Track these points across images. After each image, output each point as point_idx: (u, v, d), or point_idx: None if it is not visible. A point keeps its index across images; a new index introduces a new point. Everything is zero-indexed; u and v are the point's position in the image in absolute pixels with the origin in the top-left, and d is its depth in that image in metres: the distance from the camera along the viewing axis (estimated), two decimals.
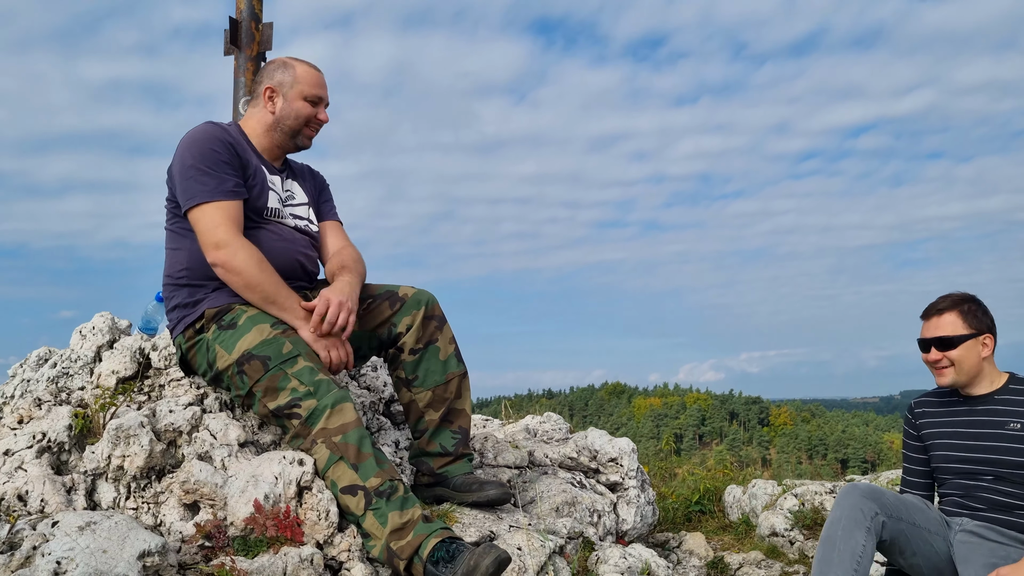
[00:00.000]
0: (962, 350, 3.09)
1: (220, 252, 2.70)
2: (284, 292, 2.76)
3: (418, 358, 2.96)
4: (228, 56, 4.36)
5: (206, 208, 2.73)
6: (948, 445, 3.19)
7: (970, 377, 3.13)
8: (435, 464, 2.97)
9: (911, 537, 2.98)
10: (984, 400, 3.14)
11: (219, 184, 2.74)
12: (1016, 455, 2.99)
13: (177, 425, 2.71)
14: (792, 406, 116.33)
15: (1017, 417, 3.03)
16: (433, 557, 2.36)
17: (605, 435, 4.02)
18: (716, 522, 5.14)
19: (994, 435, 3.06)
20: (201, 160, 2.75)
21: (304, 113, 2.99)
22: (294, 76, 2.98)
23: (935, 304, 3.21)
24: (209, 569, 2.26)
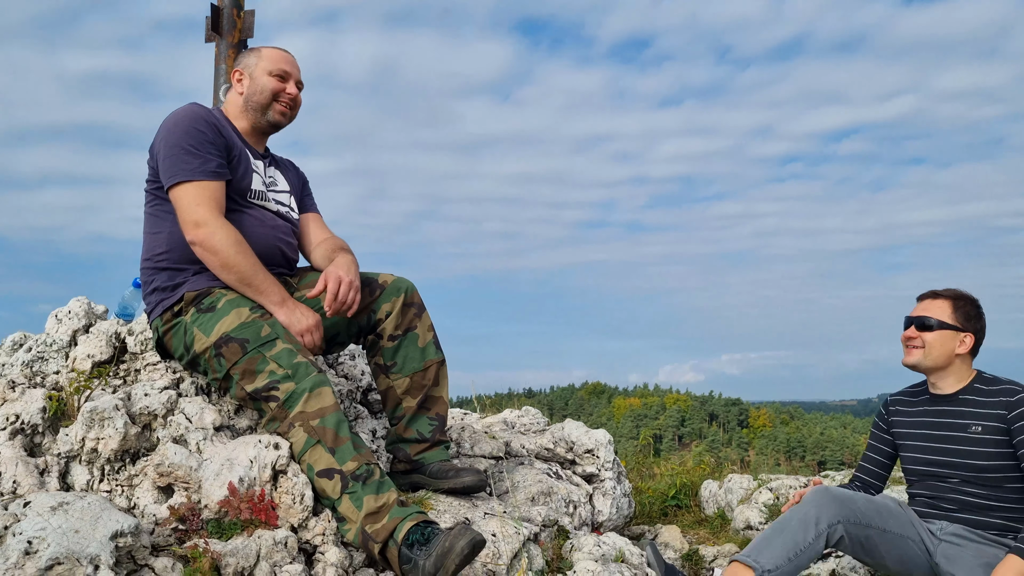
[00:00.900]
0: (937, 336, 3.13)
1: (199, 231, 2.70)
2: (261, 275, 2.76)
3: (397, 345, 2.97)
4: (209, 44, 4.35)
5: (188, 187, 2.73)
6: (916, 447, 3.23)
7: (935, 365, 3.16)
8: (412, 451, 2.98)
9: (879, 542, 3.02)
10: (950, 400, 3.18)
11: (202, 164, 2.74)
12: (978, 458, 3.02)
13: (152, 408, 2.70)
14: (771, 408, 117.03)
15: (978, 419, 3.06)
16: (408, 540, 2.37)
17: (582, 427, 4.04)
18: (692, 516, 5.17)
19: (957, 438, 3.09)
20: (185, 139, 2.75)
21: (270, 87, 3.01)
22: (259, 56, 3.05)
23: (937, 289, 3.26)
24: (182, 551, 2.26)
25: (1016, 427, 2.95)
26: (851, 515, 2.96)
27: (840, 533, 2.95)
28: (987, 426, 3.01)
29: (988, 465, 2.99)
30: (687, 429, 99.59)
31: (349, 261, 2.90)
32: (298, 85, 3.09)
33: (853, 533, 2.97)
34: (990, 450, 2.99)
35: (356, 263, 2.94)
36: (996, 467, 2.98)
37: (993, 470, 2.99)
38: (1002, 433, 2.98)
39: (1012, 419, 2.97)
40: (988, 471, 3.00)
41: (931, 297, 3.24)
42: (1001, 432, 2.98)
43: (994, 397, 3.05)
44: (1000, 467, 2.98)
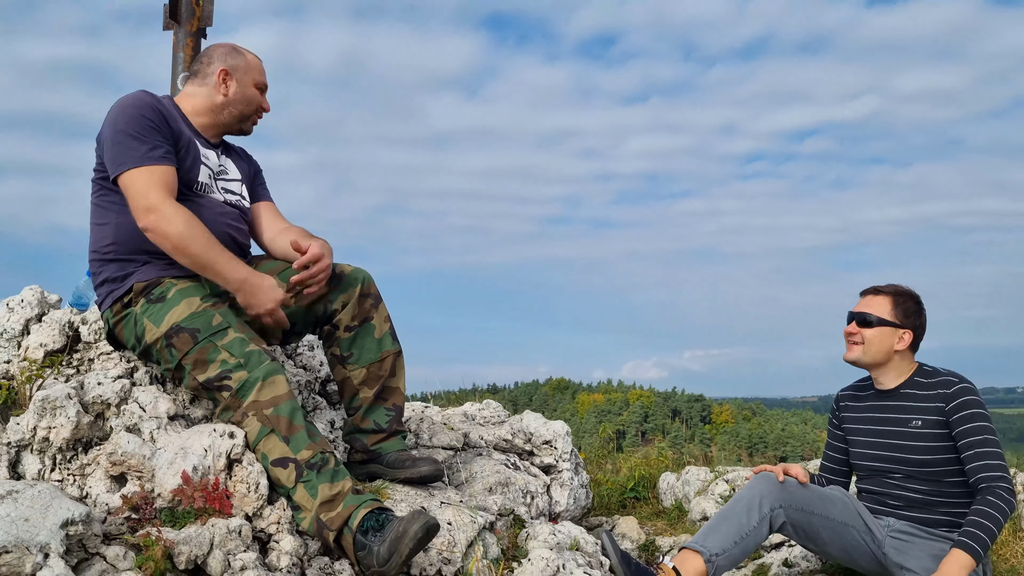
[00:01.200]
0: (876, 333, 3.19)
1: (151, 216, 2.65)
2: (216, 252, 2.70)
3: (353, 335, 2.97)
4: (168, 32, 4.31)
5: (136, 173, 2.68)
6: (863, 442, 3.30)
7: (874, 361, 3.23)
8: (369, 441, 2.98)
9: (821, 529, 3.10)
10: (891, 395, 3.24)
11: (150, 150, 2.71)
12: (920, 453, 3.09)
13: (105, 397, 2.68)
14: (734, 404, 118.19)
15: (918, 414, 3.13)
16: (363, 527, 2.38)
17: (540, 418, 4.08)
18: (650, 508, 5.23)
19: (899, 432, 3.16)
20: (131, 126, 2.71)
21: (256, 100, 3.04)
22: (247, 63, 3.03)
23: (878, 285, 3.32)
24: (135, 539, 2.24)
25: (954, 419, 3.02)
26: (792, 500, 3.04)
27: (783, 518, 3.02)
28: (927, 420, 3.08)
29: (929, 459, 3.06)
30: (650, 425, 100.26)
31: (325, 244, 2.92)
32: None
33: (795, 519, 3.04)
34: (931, 444, 3.06)
35: (331, 248, 2.95)
36: (937, 461, 3.06)
37: (934, 464, 3.06)
38: (941, 427, 3.05)
39: (949, 411, 3.04)
40: (930, 465, 3.07)
41: (872, 293, 3.30)
42: (940, 426, 3.05)
43: (932, 390, 3.12)
44: (941, 461, 3.05)
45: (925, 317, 3.27)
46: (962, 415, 3.00)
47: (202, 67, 3.02)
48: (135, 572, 2.14)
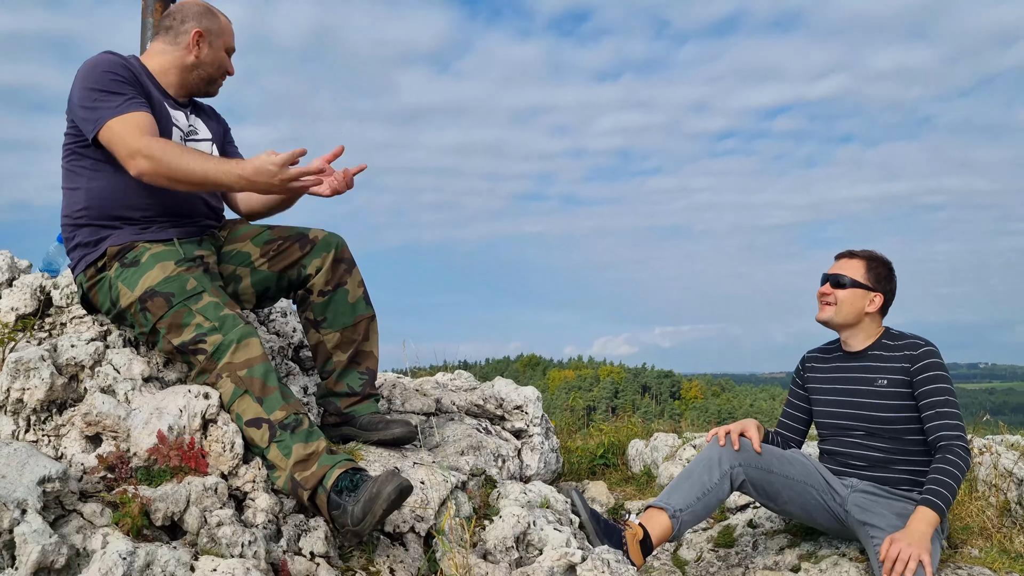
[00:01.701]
0: (848, 294, 3.29)
1: (138, 159, 2.59)
2: (211, 162, 2.64)
3: (327, 300, 3.00)
4: None
5: (113, 124, 2.64)
6: (827, 401, 3.40)
7: (845, 322, 3.33)
8: (342, 404, 3.02)
9: (781, 488, 3.20)
10: (859, 356, 3.34)
11: (125, 100, 2.68)
12: (883, 411, 3.19)
13: (79, 359, 2.69)
14: (703, 380, 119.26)
15: (884, 373, 3.23)
16: (337, 487, 2.42)
17: (511, 383, 4.13)
18: (620, 474, 5.33)
19: (864, 391, 3.26)
20: (101, 82, 2.69)
21: (224, 64, 3.04)
22: (220, 26, 3.01)
23: (853, 249, 3.42)
24: (111, 497, 2.27)
25: (917, 379, 3.12)
26: (751, 459, 3.14)
27: (742, 476, 3.12)
28: (892, 379, 3.18)
29: (891, 418, 3.16)
30: (620, 401, 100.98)
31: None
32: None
33: (754, 477, 3.14)
34: (894, 403, 3.16)
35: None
36: (899, 419, 3.16)
37: (896, 423, 3.16)
38: (905, 386, 3.15)
39: (914, 372, 3.14)
40: (891, 423, 3.17)
41: (847, 256, 3.40)
42: (905, 385, 3.15)
43: (899, 352, 3.22)
44: (903, 420, 3.15)
45: (896, 283, 3.37)
46: (926, 375, 3.10)
47: (174, 24, 2.97)
48: (112, 528, 2.17)
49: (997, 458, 4.40)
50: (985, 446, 4.59)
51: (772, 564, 3.55)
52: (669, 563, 3.84)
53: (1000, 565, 3.34)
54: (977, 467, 4.36)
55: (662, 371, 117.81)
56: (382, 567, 2.49)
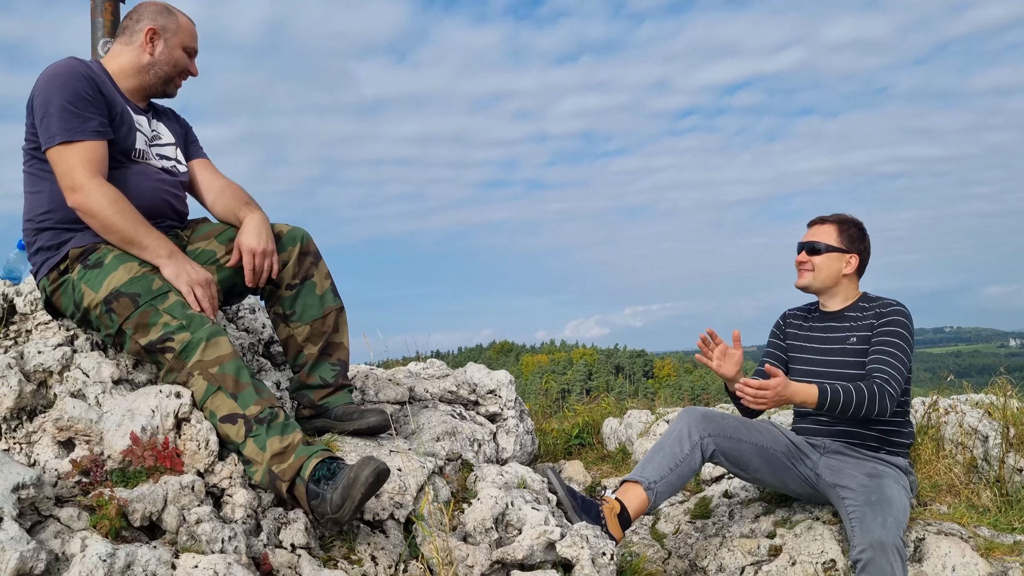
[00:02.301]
0: (825, 259, 3.37)
1: (76, 196, 2.65)
2: (143, 230, 2.71)
3: (295, 293, 3.00)
4: None
5: (64, 149, 2.65)
6: (802, 359, 3.47)
7: (824, 286, 3.40)
8: (315, 396, 3.02)
9: (752, 456, 3.27)
10: (835, 316, 3.42)
11: (81, 124, 2.68)
12: (852, 368, 3.27)
13: (47, 365, 2.67)
14: (675, 358, 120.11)
15: (855, 331, 3.30)
16: (315, 476, 2.43)
17: (484, 368, 4.16)
18: (595, 453, 5.39)
19: (837, 350, 3.34)
20: (63, 96, 2.67)
21: (182, 63, 2.99)
22: (177, 24, 2.97)
23: (824, 215, 3.50)
24: (88, 500, 2.27)
25: (877, 330, 3.21)
26: (719, 429, 3.21)
27: (712, 446, 3.19)
28: (860, 336, 3.26)
29: (859, 374, 3.23)
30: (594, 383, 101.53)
31: (259, 222, 2.90)
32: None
33: (724, 447, 3.21)
34: (862, 359, 3.23)
35: (266, 221, 2.94)
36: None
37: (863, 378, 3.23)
38: (871, 343, 3.23)
39: (878, 325, 3.22)
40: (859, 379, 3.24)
41: (819, 223, 3.48)
42: (870, 341, 3.23)
43: (871, 311, 3.30)
44: None
45: (869, 242, 3.45)
46: (884, 327, 3.20)
47: (130, 24, 2.95)
48: (90, 531, 2.16)
49: (962, 416, 4.51)
50: (950, 406, 4.70)
51: (748, 532, 3.62)
52: (648, 537, 3.90)
53: (968, 519, 3.44)
54: (943, 426, 4.46)
55: (634, 351, 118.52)
56: (363, 555, 2.51)
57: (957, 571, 3.05)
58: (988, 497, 3.83)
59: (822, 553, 3.24)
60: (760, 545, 3.46)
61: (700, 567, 3.56)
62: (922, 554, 3.17)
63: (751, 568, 3.38)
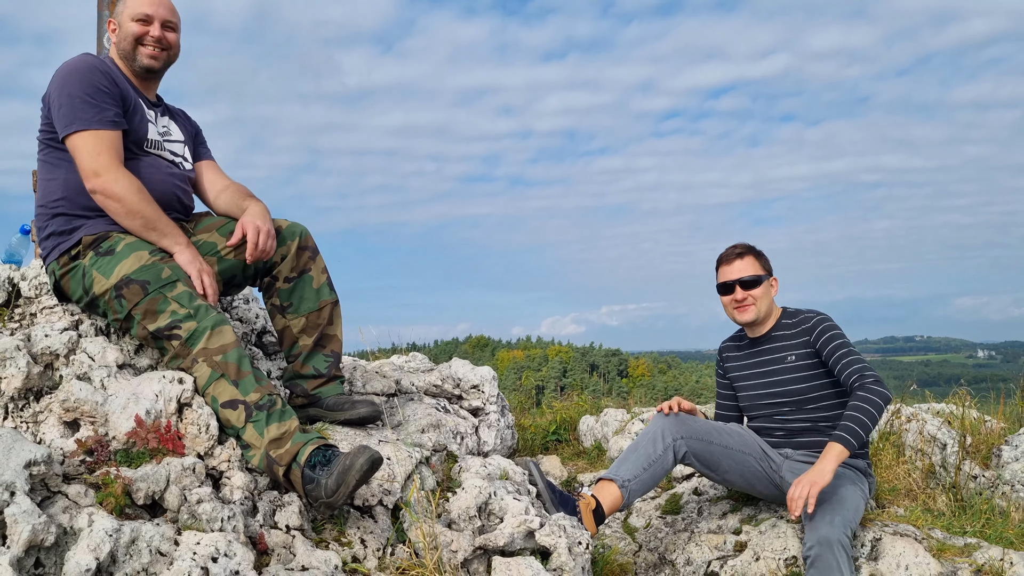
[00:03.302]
0: (761, 289, 3.56)
1: (99, 179, 2.77)
2: (164, 219, 2.86)
3: (292, 286, 3.12)
4: None
5: (85, 135, 2.78)
6: (749, 386, 3.65)
7: (766, 315, 3.59)
8: (309, 386, 3.15)
9: (721, 457, 3.46)
10: (765, 339, 3.60)
11: (99, 113, 2.80)
12: (799, 383, 3.46)
13: (54, 348, 2.78)
14: (650, 358, 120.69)
15: (791, 350, 3.49)
16: (311, 462, 2.56)
17: (468, 364, 4.30)
18: (572, 449, 5.54)
19: (778, 370, 3.52)
20: (81, 88, 2.80)
21: (133, 32, 3.03)
22: (125, 3, 3.07)
23: (732, 250, 3.64)
24: (94, 479, 2.39)
25: (819, 346, 3.39)
26: (691, 431, 3.39)
27: (684, 448, 3.37)
28: (798, 354, 3.45)
29: (807, 387, 3.43)
30: (569, 380, 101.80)
31: (262, 209, 3.04)
32: (167, 26, 3.08)
33: (696, 448, 3.39)
34: (806, 373, 3.43)
35: (267, 210, 3.06)
36: (815, 387, 3.42)
37: (813, 391, 3.43)
38: (812, 357, 3.42)
39: (814, 341, 3.41)
40: (809, 392, 3.44)
41: (738, 258, 3.60)
42: (811, 356, 3.42)
43: (797, 328, 3.49)
44: (818, 387, 3.42)
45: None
46: (823, 339, 3.37)
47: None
48: (97, 508, 2.28)
49: (923, 425, 4.71)
50: (912, 414, 4.90)
51: (716, 528, 3.79)
52: (620, 530, 4.06)
53: (923, 522, 3.62)
54: (905, 433, 4.66)
55: (610, 350, 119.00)
56: (353, 538, 2.65)
57: (910, 570, 3.23)
58: (944, 502, 4.03)
59: (784, 550, 3.42)
60: (727, 541, 3.63)
61: (669, 560, 3.72)
62: (878, 553, 3.35)
63: (717, 562, 3.55)
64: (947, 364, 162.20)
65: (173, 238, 2.86)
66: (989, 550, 3.31)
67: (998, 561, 3.21)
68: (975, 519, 3.79)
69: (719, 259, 3.63)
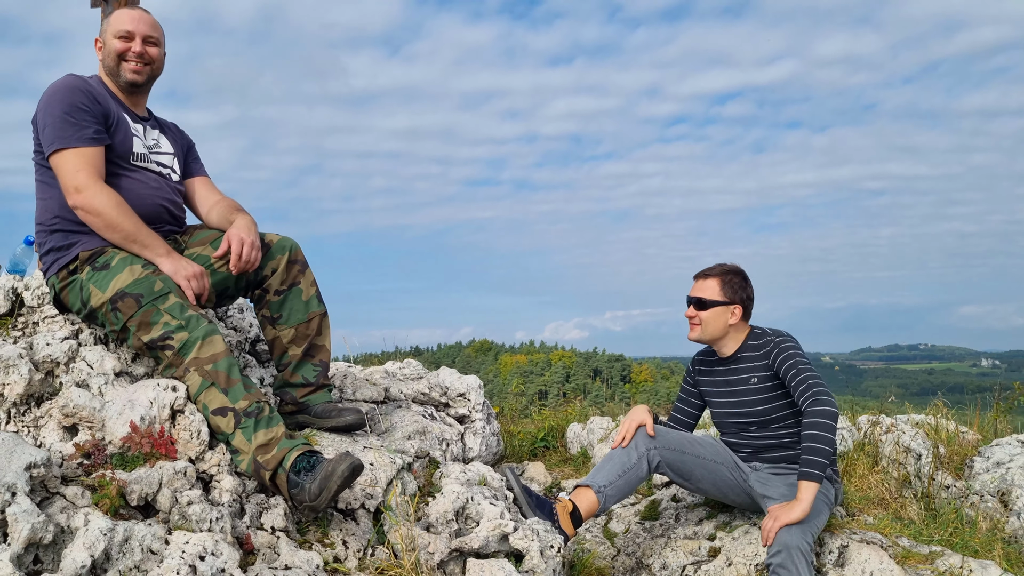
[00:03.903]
0: (711, 314, 3.63)
1: (80, 195, 2.92)
2: (144, 231, 2.99)
3: (282, 298, 3.27)
4: (95, 8, 4.45)
5: (66, 154, 2.93)
6: (717, 403, 3.79)
7: (712, 338, 3.69)
8: (298, 394, 3.30)
9: (694, 467, 3.60)
10: (732, 360, 3.71)
11: (78, 131, 2.95)
12: (762, 404, 3.60)
13: (55, 356, 2.93)
14: (653, 364, 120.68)
15: (755, 372, 3.61)
16: (296, 467, 2.71)
17: (455, 372, 4.45)
18: (559, 455, 5.68)
19: (743, 391, 3.65)
20: (62, 108, 2.95)
21: (116, 48, 3.18)
22: (109, 21, 3.24)
23: (706, 268, 3.73)
24: (90, 480, 2.53)
25: (777, 367, 3.50)
26: (665, 442, 3.54)
27: (658, 458, 3.51)
28: (761, 376, 3.57)
29: (770, 408, 3.57)
30: (571, 385, 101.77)
31: (249, 222, 3.18)
32: (149, 41, 3.21)
33: (669, 458, 3.53)
34: (768, 395, 3.56)
35: (255, 223, 3.21)
36: (777, 408, 3.56)
37: (776, 411, 3.57)
38: (773, 379, 3.54)
39: (772, 363, 3.52)
40: (772, 412, 3.58)
41: (703, 277, 3.69)
42: (772, 379, 3.54)
43: (761, 351, 3.60)
44: (781, 407, 3.56)
45: (751, 289, 3.69)
46: (780, 360, 3.47)
47: None
48: (92, 508, 2.43)
49: (900, 435, 4.85)
50: (890, 425, 5.03)
51: (692, 534, 3.93)
52: (600, 535, 4.20)
53: (891, 530, 3.75)
54: (881, 444, 4.79)
55: (613, 355, 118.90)
56: (336, 539, 2.79)
57: None
58: (914, 510, 4.15)
59: (755, 555, 3.55)
60: (701, 546, 3.77)
61: (646, 564, 3.86)
62: (844, 559, 3.48)
63: (692, 567, 3.68)
64: (951, 372, 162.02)
65: (153, 249, 2.99)
66: (951, 558, 3.44)
67: (959, 568, 3.34)
68: (943, 528, 3.91)
69: (695, 273, 3.75)
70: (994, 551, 3.63)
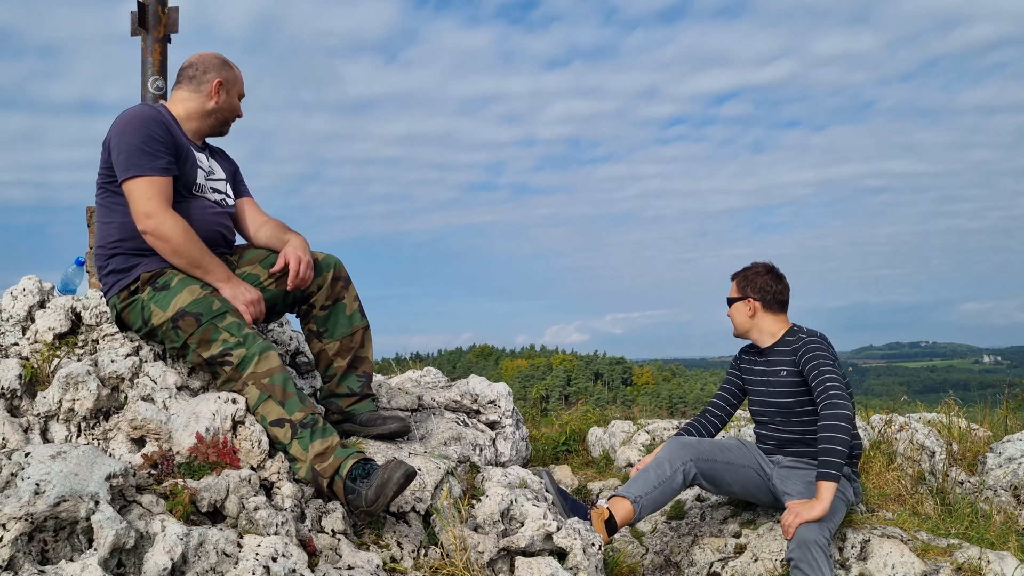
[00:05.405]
0: (733, 310, 4.01)
1: (150, 221, 3.09)
2: (208, 257, 3.17)
3: (327, 313, 3.43)
4: (135, 37, 4.62)
5: (140, 181, 3.10)
6: (754, 392, 3.99)
7: (742, 331, 4.01)
8: (343, 404, 3.46)
9: (725, 472, 3.80)
10: (768, 352, 3.94)
11: (153, 161, 3.12)
12: (788, 397, 3.79)
13: (120, 372, 3.10)
14: (654, 366, 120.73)
15: (784, 366, 3.81)
16: (351, 475, 2.87)
17: (484, 380, 4.61)
18: (581, 459, 5.84)
19: (772, 382, 3.85)
20: (138, 137, 3.12)
21: (237, 109, 3.49)
22: (235, 76, 3.46)
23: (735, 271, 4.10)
24: (163, 489, 2.70)
25: (802, 364, 3.69)
26: (698, 453, 3.74)
27: (694, 470, 3.72)
28: (789, 371, 3.77)
29: (793, 402, 3.75)
30: (573, 388, 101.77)
31: (302, 241, 3.36)
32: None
33: (704, 468, 3.73)
34: (793, 389, 3.75)
35: (307, 242, 3.38)
36: (800, 403, 3.74)
37: (798, 406, 3.75)
38: (798, 375, 3.73)
39: (799, 360, 3.72)
40: (795, 407, 3.76)
41: (732, 279, 4.06)
42: (798, 375, 3.74)
43: (792, 347, 3.80)
44: (804, 403, 3.73)
45: (765, 280, 3.92)
46: (805, 359, 3.67)
47: (196, 74, 3.41)
48: (167, 515, 2.59)
49: (913, 433, 5.01)
50: (904, 424, 5.20)
51: (717, 532, 4.10)
52: (628, 535, 4.36)
53: (910, 524, 3.92)
54: (896, 442, 4.95)
55: (614, 358, 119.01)
56: (390, 541, 2.95)
57: (896, 568, 3.52)
58: (930, 506, 4.32)
59: (780, 551, 3.71)
60: (727, 543, 3.93)
61: (674, 562, 4.02)
62: (867, 553, 3.64)
63: (719, 564, 3.85)
64: (953, 370, 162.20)
65: (215, 275, 3.16)
66: (969, 550, 3.60)
67: (976, 560, 3.51)
68: (959, 522, 4.07)
69: None
70: (1009, 543, 3.80)
